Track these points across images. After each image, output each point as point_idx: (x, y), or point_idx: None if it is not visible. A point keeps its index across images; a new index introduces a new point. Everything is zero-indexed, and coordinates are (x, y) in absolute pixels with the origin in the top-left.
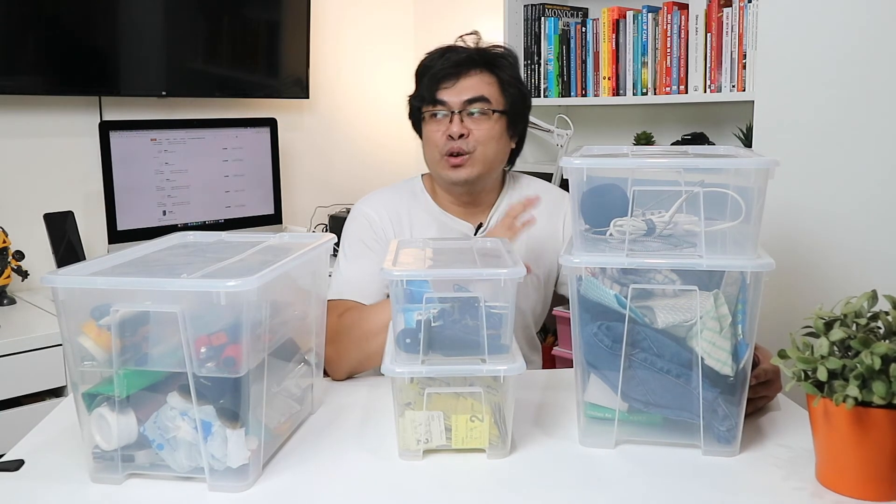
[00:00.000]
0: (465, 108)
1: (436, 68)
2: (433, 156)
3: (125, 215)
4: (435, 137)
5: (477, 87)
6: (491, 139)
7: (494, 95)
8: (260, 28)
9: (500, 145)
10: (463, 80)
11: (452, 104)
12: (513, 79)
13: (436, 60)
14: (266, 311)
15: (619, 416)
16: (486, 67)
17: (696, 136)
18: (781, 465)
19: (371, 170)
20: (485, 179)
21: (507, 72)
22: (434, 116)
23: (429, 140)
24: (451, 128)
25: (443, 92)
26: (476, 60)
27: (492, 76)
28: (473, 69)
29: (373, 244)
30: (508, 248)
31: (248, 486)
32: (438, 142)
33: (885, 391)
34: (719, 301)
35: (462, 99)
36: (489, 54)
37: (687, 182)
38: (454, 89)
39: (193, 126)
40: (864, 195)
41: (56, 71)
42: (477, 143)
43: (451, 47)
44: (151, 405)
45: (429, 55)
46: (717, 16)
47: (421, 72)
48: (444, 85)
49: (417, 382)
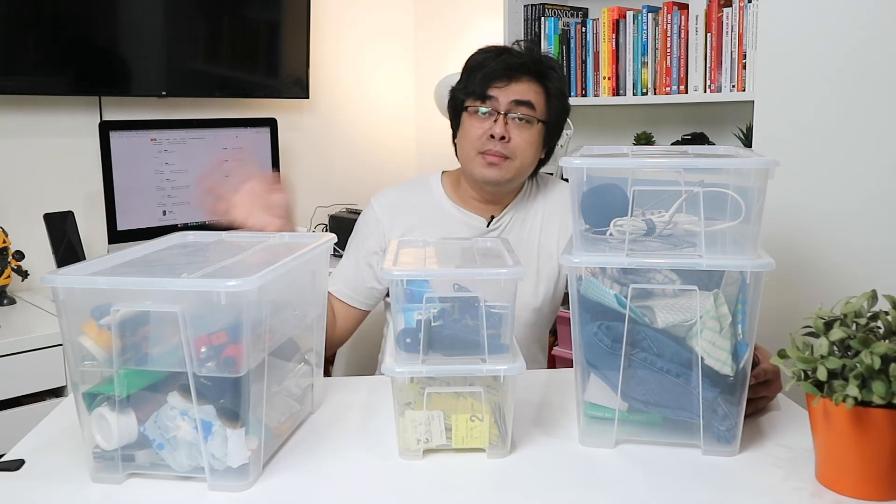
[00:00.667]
0: (511, 110)
1: (489, 67)
2: (467, 152)
3: (125, 215)
4: (474, 133)
5: (526, 93)
6: (529, 146)
7: (540, 104)
8: (260, 28)
9: (534, 153)
10: (514, 83)
11: (501, 103)
12: (559, 92)
13: (490, 59)
14: (266, 311)
15: (618, 416)
16: (536, 76)
17: (696, 136)
18: (781, 465)
19: (371, 170)
20: (513, 183)
21: (555, 84)
22: (477, 112)
23: (466, 135)
24: (495, 128)
25: (494, 90)
26: (529, 68)
27: (540, 86)
28: (525, 75)
29: (366, 240)
30: (508, 247)
31: (248, 486)
32: (477, 138)
33: (885, 391)
34: (719, 301)
35: (511, 100)
36: (542, 65)
37: (687, 182)
38: (505, 90)
39: (193, 126)
40: (864, 195)
41: (56, 71)
42: (516, 148)
43: (507, 49)
44: (152, 405)
45: (483, 52)
46: (717, 16)
47: (473, 67)
48: (496, 84)
49: (417, 382)
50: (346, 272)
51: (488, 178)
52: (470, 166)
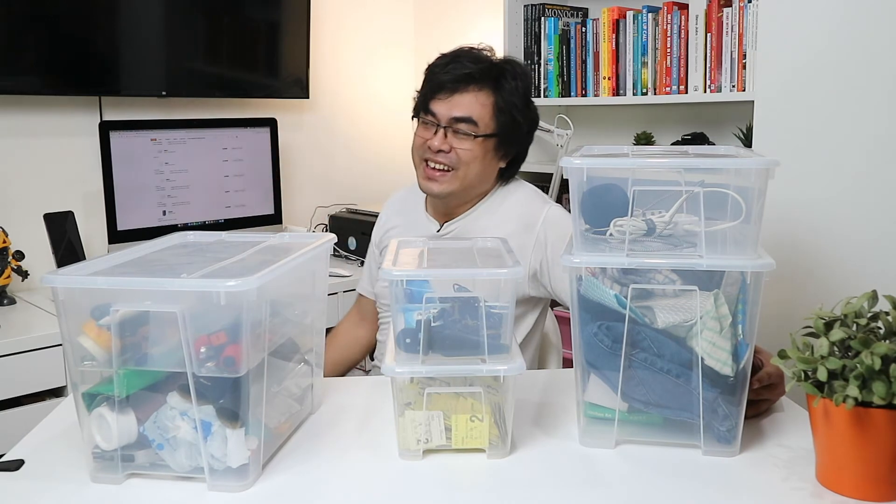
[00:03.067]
0: (451, 125)
1: (436, 78)
2: (414, 158)
3: (125, 215)
4: (417, 142)
5: (469, 107)
6: (474, 159)
7: (484, 118)
8: (260, 28)
9: (483, 166)
10: (457, 95)
11: (440, 117)
12: (509, 104)
13: (439, 69)
14: (266, 311)
15: (619, 416)
16: (486, 86)
17: (696, 136)
18: (781, 465)
19: (371, 170)
20: (460, 196)
21: (505, 95)
22: (423, 122)
23: (414, 142)
24: (434, 141)
25: (435, 103)
26: (476, 77)
27: (490, 96)
28: (472, 85)
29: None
30: (508, 248)
31: (247, 486)
32: (419, 146)
33: (885, 391)
34: (719, 301)
35: (450, 115)
36: (493, 72)
37: (687, 182)
38: (446, 103)
39: (193, 126)
40: (864, 195)
41: (56, 71)
42: (459, 161)
43: (457, 57)
44: (151, 405)
45: (439, 58)
46: (717, 16)
47: (426, 74)
48: (438, 96)
49: (417, 382)
50: (365, 270)
51: (429, 190)
52: (417, 175)
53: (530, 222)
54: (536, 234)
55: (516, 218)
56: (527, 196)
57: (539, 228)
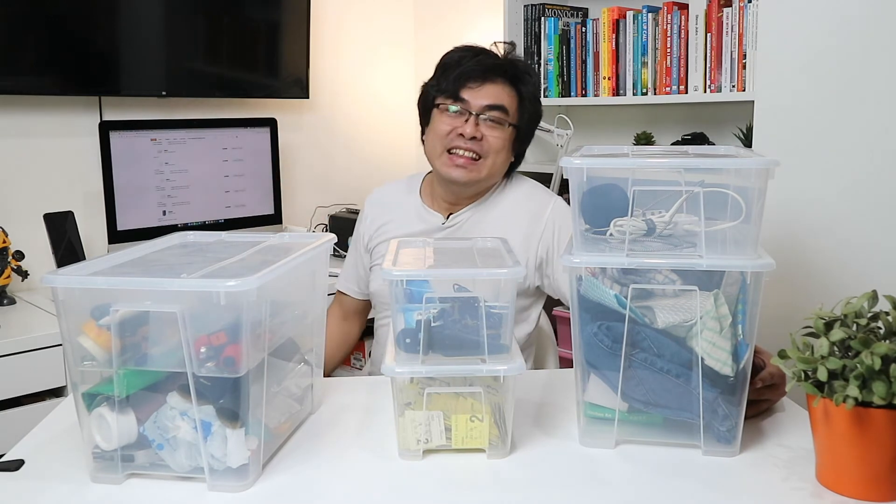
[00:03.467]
0: (483, 113)
1: (465, 66)
2: (435, 148)
3: (125, 215)
4: (443, 130)
5: (500, 96)
6: (500, 149)
7: (513, 108)
8: (260, 28)
9: (504, 156)
10: (488, 85)
11: (473, 105)
12: (532, 98)
13: (467, 58)
14: (266, 311)
15: (619, 416)
16: (511, 80)
17: (696, 136)
18: (781, 465)
19: (371, 169)
20: (479, 185)
21: (529, 89)
22: (448, 110)
23: (435, 131)
24: (466, 128)
25: (467, 91)
26: (505, 70)
27: (514, 89)
28: (500, 78)
29: (357, 233)
30: (508, 248)
31: (247, 486)
32: (445, 135)
33: (886, 391)
34: (719, 301)
35: (483, 103)
36: (518, 68)
37: (687, 182)
38: (479, 91)
39: (193, 126)
40: (864, 195)
41: (56, 71)
42: (489, 149)
43: (484, 50)
44: (151, 405)
45: (459, 50)
46: (717, 16)
47: (448, 64)
48: (470, 84)
49: (417, 382)
50: (348, 268)
51: (454, 178)
52: (437, 163)
53: (538, 212)
54: (545, 223)
55: (524, 209)
56: (532, 188)
57: (547, 217)
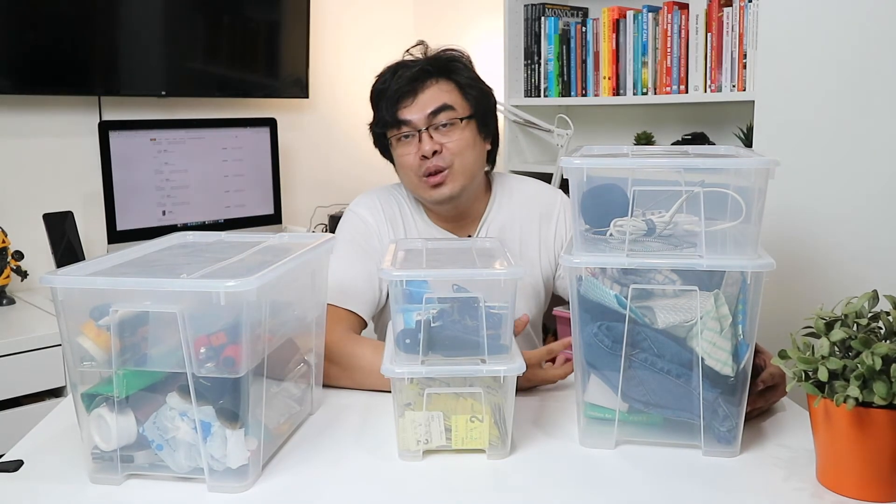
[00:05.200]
0: (431, 123)
1: (391, 89)
2: (411, 180)
3: (125, 215)
4: (408, 161)
5: (437, 97)
6: (466, 148)
7: (457, 101)
8: (260, 28)
9: (476, 151)
10: (421, 94)
11: (417, 122)
12: (471, 80)
13: (388, 81)
14: (266, 311)
15: (619, 417)
16: (441, 75)
17: (697, 136)
18: (782, 465)
19: (371, 170)
20: (468, 190)
21: (463, 74)
22: (401, 139)
23: (402, 164)
24: (423, 147)
25: (404, 111)
26: (430, 71)
27: (449, 83)
28: (429, 80)
29: (367, 247)
30: (508, 248)
31: (247, 487)
32: (413, 164)
33: (886, 392)
34: (719, 301)
35: (425, 113)
36: (441, 61)
37: (687, 182)
38: (415, 106)
39: (193, 126)
40: (864, 195)
41: (56, 71)
42: (453, 155)
43: (400, 63)
44: (151, 405)
45: (379, 77)
46: (717, 16)
47: (376, 96)
48: (403, 104)
49: (417, 383)
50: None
51: (438, 198)
52: (419, 193)
53: (548, 212)
54: (556, 222)
55: (535, 211)
56: (536, 187)
57: (558, 216)
